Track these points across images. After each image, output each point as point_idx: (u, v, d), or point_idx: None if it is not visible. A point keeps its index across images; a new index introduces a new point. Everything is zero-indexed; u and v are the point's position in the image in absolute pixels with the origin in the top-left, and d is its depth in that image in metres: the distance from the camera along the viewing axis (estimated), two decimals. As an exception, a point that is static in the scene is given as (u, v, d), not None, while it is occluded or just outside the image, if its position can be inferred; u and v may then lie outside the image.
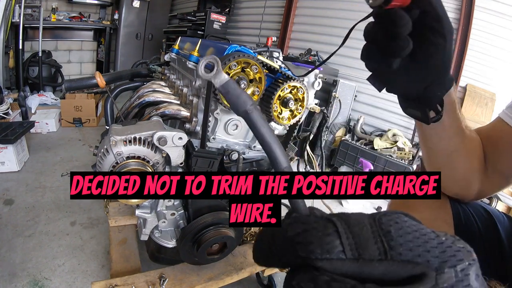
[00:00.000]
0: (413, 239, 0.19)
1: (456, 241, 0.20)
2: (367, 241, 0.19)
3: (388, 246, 0.19)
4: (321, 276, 0.19)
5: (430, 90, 0.45)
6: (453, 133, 0.57)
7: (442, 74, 0.44)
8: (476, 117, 2.64)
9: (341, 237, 0.19)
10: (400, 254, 0.19)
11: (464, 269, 0.18)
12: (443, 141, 0.58)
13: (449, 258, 0.19)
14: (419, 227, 0.20)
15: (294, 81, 0.76)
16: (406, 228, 0.20)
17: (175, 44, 1.30)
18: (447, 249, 0.19)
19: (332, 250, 0.19)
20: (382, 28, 0.39)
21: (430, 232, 0.20)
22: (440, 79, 0.45)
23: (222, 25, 4.18)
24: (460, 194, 0.67)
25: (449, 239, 0.20)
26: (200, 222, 0.87)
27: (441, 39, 0.41)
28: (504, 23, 2.60)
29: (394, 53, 0.39)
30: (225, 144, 0.87)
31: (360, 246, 0.19)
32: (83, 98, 2.88)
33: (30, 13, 4.00)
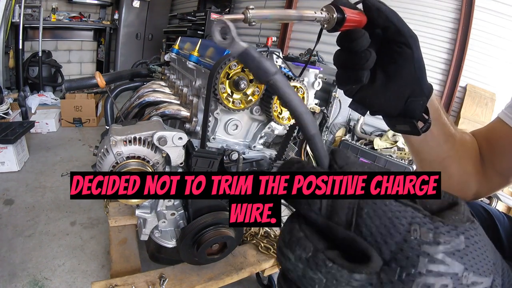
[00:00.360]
0: (379, 225, 0.20)
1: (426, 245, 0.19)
2: (340, 209, 0.21)
3: (354, 221, 0.21)
4: (297, 232, 0.22)
5: (411, 102, 0.46)
6: (443, 140, 0.57)
7: (418, 82, 0.45)
8: (476, 117, 2.64)
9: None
10: (361, 232, 0.20)
11: (411, 275, 0.19)
12: (434, 150, 0.59)
13: (400, 257, 0.19)
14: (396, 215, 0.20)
15: (294, 81, 0.76)
16: (380, 212, 0.21)
17: (175, 44, 1.30)
18: (406, 248, 0.19)
19: (312, 205, 0.22)
20: (345, 49, 0.42)
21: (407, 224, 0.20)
22: (418, 88, 0.45)
23: (222, 25, 4.18)
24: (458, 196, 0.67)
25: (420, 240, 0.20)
26: (200, 222, 0.87)
27: (407, 49, 0.42)
28: (504, 23, 2.60)
29: (360, 66, 0.41)
30: (225, 144, 0.87)
31: (333, 210, 0.21)
32: (83, 98, 2.88)
33: (30, 13, 4.01)
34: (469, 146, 0.62)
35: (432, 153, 0.60)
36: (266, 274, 1.19)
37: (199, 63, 0.93)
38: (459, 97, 2.84)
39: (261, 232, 1.25)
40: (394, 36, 0.42)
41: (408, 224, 0.20)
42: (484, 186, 0.63)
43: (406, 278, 0.19)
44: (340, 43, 0.43)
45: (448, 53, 2.84)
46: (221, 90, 0.71)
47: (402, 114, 0.48)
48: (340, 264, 0.19)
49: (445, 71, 2.90)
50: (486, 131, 0.64)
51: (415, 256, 0.19)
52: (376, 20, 0.41)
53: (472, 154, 0.62)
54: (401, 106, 0.47)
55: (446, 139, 0.57)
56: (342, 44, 0.42)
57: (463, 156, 0.60)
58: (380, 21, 0.41)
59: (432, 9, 2.71)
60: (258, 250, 1.15)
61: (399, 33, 0.42)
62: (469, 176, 0.62)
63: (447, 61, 2.86)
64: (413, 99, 0.46)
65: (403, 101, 0.46)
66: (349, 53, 0.41)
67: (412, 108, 0.47)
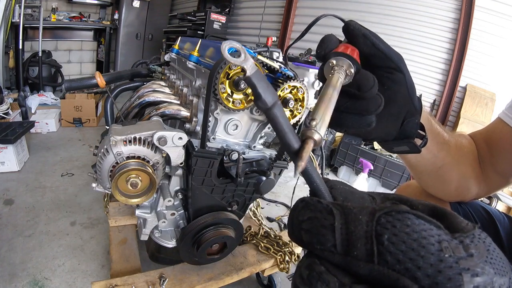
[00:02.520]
0: (406, 250, 0.18)
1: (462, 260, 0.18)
2: (357, 241, 0.19)
3: (376, 250, 0.18)
4: (318, 266, 0.20)
5: (407, 122, 0.45)
6: (437, 150, 0.56)
7: (411, 102, 0.43)
8: (476, 117, 2.64)
9: (335, 232, 0.20)
10: (387, 262, 0.18)
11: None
12: (430, 161, 0.58)
13: (441, 280, 0.17)
14: (422, 235, 0.18)
15: (294, 81, 0.76)
16: (402, 235, 0.18)
17: (175, 44, 1.30)
18: (444, 269, 0.17)
19: (325, 243, 0.20)
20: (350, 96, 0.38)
21: (435, 243, 0.18)
22: (411, 108, 0.44)
23: (222, 25, 4.18)
24: (458, 199, 0.67)
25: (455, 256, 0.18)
26: (200, 222, 0.87)
27: (399, 73, 0.40)
28: (504, 23, 2.60)
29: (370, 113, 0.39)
30: (225, 144, 0.86)
31: (350, 244, 0.19)
32: (83, 98, 2.88)
33: (30, 13, 4.01)
34: (466, 150, 0.61)
35: (428, 165, 0.59)
36: (266, 274, 1.19)
37: (199, 63, 0.93)
38: (459, 97, 2.85)
39: (261, 232, 1.25)
40: (383, 63, 0.40)
41: (438, 243, 0.18)
42: (484, 187, 0.63)
43: None
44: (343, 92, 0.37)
45: (448, 53, 2.84)
46: (221, 90, 0.71)
47: (399, 136, 0.46)
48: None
49: (445, 71, 2.90)
50: (486, 132, 0.64)
51: (457, 274, 0.17)
52: (363, 48, 0.39)
53: (470, 157, 0.61)
54: (397, 130, 0.45)
55: (441, 148, 0.57)
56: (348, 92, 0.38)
57: (460, 161, 0.60)
58: (366, 49, 0.39)
59: (432, 9, 2.71)
60: (258, 250, 1.15)
61: (386, 58, 0.40)
62: (468, 180, 0.62)
63: (447, 61, 2.86)
64: (409, 119, 0.45)
65: (400, 125, 0.45)
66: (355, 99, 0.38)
67: (408, 128, 0.45)
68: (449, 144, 0.58)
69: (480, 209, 0.66)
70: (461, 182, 0.62)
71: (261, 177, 0.92)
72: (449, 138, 0.58)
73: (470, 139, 0.64)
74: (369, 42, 0.39)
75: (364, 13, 3.02)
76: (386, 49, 0.39)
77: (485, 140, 0.62)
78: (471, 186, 0.62)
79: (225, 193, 0.90)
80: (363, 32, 0.39)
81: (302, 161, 0.23)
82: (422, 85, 2.99)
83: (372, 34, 0.39)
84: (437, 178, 0.62)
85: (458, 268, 0.17)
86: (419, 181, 0.68)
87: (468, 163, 0.61)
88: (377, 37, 0.39)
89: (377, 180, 2.47)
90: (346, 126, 0.41)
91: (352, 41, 0.39)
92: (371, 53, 0.39)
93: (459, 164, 0.60)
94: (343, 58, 0.36)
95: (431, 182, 0.65)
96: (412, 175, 0.69)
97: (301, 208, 0.22)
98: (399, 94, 0.42)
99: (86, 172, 2.00)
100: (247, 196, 0.96)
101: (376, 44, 0.39)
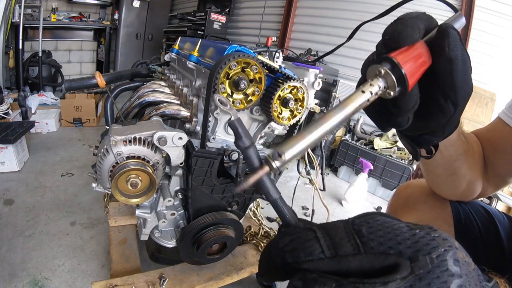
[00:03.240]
0: (384, 234, 0.21)
1: (431, 231, 0.21)
2: (341, 240, 0.21)
3: (360, 242, 0.21)
4: (309, 275, 0.21)
5: (425, 136, 0.42)
6: (455, 159, 0.55)
7: (442, 132, 0.39)
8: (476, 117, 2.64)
9: (320, 241, 0.22)
10: (372, 247, 0.20)
11: (440, 255, 0.19)
12: (442, 167, 0.57)
13: (422, 247, 0.20)
14: (392, 223, 0.21)
15: (294, 81, 0.76)
16: (377, 226, 0.21)
17: (175, 44, 1.30)
18: (420, 239, 0.20)
19: (313, 252, 0.21)
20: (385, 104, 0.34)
21: (404, 226, 0.21)
22: (439, 132, 0.40)
23: (222, 25, 4.18)
24: (461, 199, 0.67)
25: (424, 230, 0.21)
26: (200, 222, 0.87)
27: (452, 107, 0.35)
28: (504, 23, 2.60)
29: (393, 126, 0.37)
30: (225, 144, 0.86)
31: (336, 245, 0.21)
32: (83, 98, 2.88)
33: (30, 13, 4.00)
34: (477, 156, 0.60)
35: (440, 170, 0.58)
36: (266, 274, 1.18)
37: (199, 63, 0.93)
38: (459, 97, 2.84)
39: (261, 232, 1.25)
40: (445, 89, 0.34)
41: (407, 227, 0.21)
42: (486, 187, 0.63)
43: (439, 260, 0.19)
44: None
45: (448, 53, 2.83)
46: (221, 90, 0.71)
47: (411, 137, 0.44)
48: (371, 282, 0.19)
49: (445, 71, 2.90)
50: (487, 132, 0.63)
51: (431, 239, 0.20)
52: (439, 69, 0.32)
53: (479, 162, 0.61)
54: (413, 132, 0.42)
55: (458, 158, 0.55)
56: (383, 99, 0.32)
57: (472, 168, 0.59)
58: (442, 73, 0.32)
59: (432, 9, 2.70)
60: (258, 250, 1.15)
61: (453, 90, 0.33)
62: (475, 183, 0.62)
63: (447, 61, 2.86)
64: (431, 137, 0.41)
65: (418, 134, 0.42)
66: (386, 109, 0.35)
67: (423, 140, 0.42)
68: (467, 153, 0.57)
69: (480, 209, 0.66)
70: (469, 186, 0.62)
71: (261, 177, 0.92)
72: (468, 146, 0.57)
73: (477, 140, 0.63)
74: (450, 68, 0.32)
75: (364, 13, 3.02)
76: (460, 82, 0.33)
77: (486, 139, 0.62)
78: (477, 187, 0.62)
79: (225, 193, 0.90)
80: (452, 55, 0.31)
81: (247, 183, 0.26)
82: (422, 85, 2.98)
83: (462, 60, 0.32)
84: (447, 181, 0.62)
85: (430, 236, 0.20)
86: (427, 178, 0.68)
87: (478, 167, 0.61)
88: (464, 65, 0.33)
89: (377, 180, 2.47)
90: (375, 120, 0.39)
91: (434, 56, 0.32)
92: (443, 78, 0.33)
93: (471, 171, 0.59)
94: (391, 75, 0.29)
95: (440, 182, 0.65)
96: (422, 171, 0.69)
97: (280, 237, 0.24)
98: (434, 121, 0.37)
99: (86, 172, 2.00)
100: (247, 196, 0.96)
101: (454, 75, 0.32)
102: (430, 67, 0.32)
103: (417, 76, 0.30)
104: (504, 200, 2.11)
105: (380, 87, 0.29)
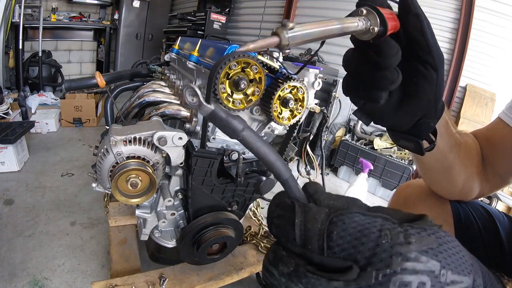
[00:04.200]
0: (351, 240, 0.22)
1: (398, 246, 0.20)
2: (312, 237, 0.23)
3: (326, 245, 0.22)
4: (280, 251, 0.24)
5: (422, 122, 0.42)
6: (448, 151, 0.56)
7: (434, 105, 0.41)
8: (476, 117, 2.64)
9: (295, 229, 0.23)
10: (335, 252, 0.22)
11: (386, 275, 0.20)
12: (439, 161, 0.57)
13: (374, 261, 0.20)
14: (366, 227, 0.22)
15: (294, 81, 0.76)
16: (349, 230, 0.22)
17: (175, 44, 1.30)
18: (380, 252, 0.21)
19: (288, 237, 0.24)
20: (367, 58, 0.35)
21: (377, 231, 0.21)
22: (432, 110, 0.42)
23: (222, 25, 4.18)
24: (460, 199, 0.67)
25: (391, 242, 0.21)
26: (200, 222, 0.87)
27: (433, 71, 0.37)
28: (504, 23, 2.60)
29: (381, 86, 0.36)
30: (225, 144, 0.86)
31: (306, 239, 0.23)
32: (83, 98, 2.88)
33: (30, 13, 4.00)
34: (473, 153, 0.61)
35: (436, 164, 0.59)
36: (266, 274, 1.18)
37: (199, 63, 0.93)
38: (459, 97, 2.84)
39: (261, 232, 1.25)
40: (422, 53, 0.36)
41: (378, 231, 0.21)
42: (485, 187, 0.63)
43: (383, 279, 0.20)
44: (361, 50, 0.36)
45: (448, 53, 2.84)
46: (221, 90, 0.71)
47: (409, 131, 0.44)
48: (319, 274, 0.21)
49: (445, 71, 2.90)
50: (487, 132, 0.64)
51: (388, 257, 0.20)
52: (409, 29, 0.35)
53: (476, 159, 0.61)
54: (410, 125, 0.43)
55: (451, 150, 0.56)
56: (367, 53, 0.35)
57: (468, 163, 0.59)
58: (413, 31, 0.35)
59: (432, 9, 2.71)
60: (258, 250, 1.16)
61: (428, 51, 0.36)
62: (473, 180, 0.62)
63: (447, 61, 2.86)
64: (425, 120, 0.42)
65: (415, 121, 0.43)
66: (371, 65, 0.35)
67: (422, 129, 0.43)
68: (460, 146, 0.57)
69: (480, 209, 0.66)
70: (466, 183, 0.62)
71: (261, 177, 0.92)
72: (460, 140, 0.57)
73: (475, 138, 0.64)
74: (419, 25, 0.34)
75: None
76: (431, 41, 0.35)
77: (486, 139, 0.62)
78: (475, 186, 0.62)
79: (225, 193, 0.90)
80: (418, 11, 0.34)
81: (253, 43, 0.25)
82: (422, 85, 2.98)
83: (425, 18, 0.35)
84: (443, 177, 0.61)
85: (391, 251, 0.20)
86: (424, 177, 0.68)
87: (474, 164, 0.61)
88: (428, 24, 0.35)
89: (377, 180, 2.47)
90: (353, 94, 0.39)
91: (402, 15, 0.35)
92: (415, 38, 0.35)
93: (466, 166, 0.59)
94: (375, 13, 0.32)
95: (437, 180, 0.65)
96: (418, 170, 0.69)
97: (274, 206, 0.26)
98: (424, 93, 0.39)
99: (86, 172, 2.00)
100: (247, 196, 0.96)
101: (424, 30, 0.34)
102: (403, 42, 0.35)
103: (392, 25, 0.33)
104: (504, 200, 2.11)
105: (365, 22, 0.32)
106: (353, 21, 0.31)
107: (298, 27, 0.26)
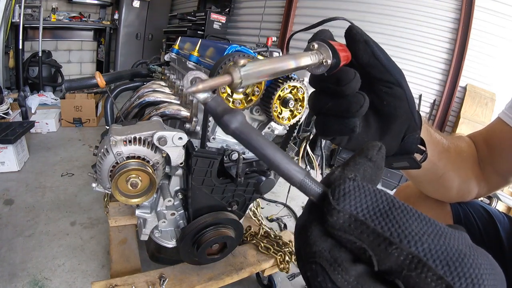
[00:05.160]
0: None
1: None
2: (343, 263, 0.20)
3: None
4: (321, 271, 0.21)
5: (408, 138, 0.43)
6: (438, 159, 0.55)
7: (413, 117, 0.41)
8: (476, 117, 2.64)
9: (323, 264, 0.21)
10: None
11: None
12: (430, 171, 0.57)
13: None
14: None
15: (294, 81, 0.76)
16: None
17: (175, 44, 1.30)
18: None
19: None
20: (329, 93, 0.36)
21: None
22: (413, 123, 0.42)
23: (222, 25, 4.18)
24: (458, 201, 0.67)
25: None
26: (200, 222, 0.87)
27: (398, 88, 0.38)
28: (504, 23, 2.60)
29: (351, 113, 0.35)
30: (225, 144, 0.87)
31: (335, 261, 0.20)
32: (83, 98, 2.88)
33: (30, 13, 4.00)
34: (466, 154, 0.60)
35: (429, 174, 0.58)
36: (266, 274, 1.19)
37: (199, 63, 0.93)
38: (459, 97, 2.85)
39: (261, 232, 1.25)
40: (381, 75, 0.37)
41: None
42: (484, 187, 0.63)
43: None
44: (321, 85, 0.36)
45: (448, 53, 2.84)
46: (221, 90, 0.71)
47: (399, 151, 0.44)
48: None
49: (445, 71, 2.90)
50: (486, 132, 0.64)
51: None
52: (361, 56, 0.36)
53: (469, 161, 0.61)
54: (398, 145, 0.43)
55: (441, 157, 0.55)
56: (326, 86, 0.35)
57: (461, 166, 0.59)
58: (365, 57, 0.36)
59: (432, 9, 2.71)
60: (258, 250, 1.16)
61: (386, 71, 0.37)
62: (469, 182, 0.61)
63: (447, 61, 2.86)
64: (409, 135, 0.43)
65: (400, 140, 0.43)
66: (335, 97, 0.35)
67: (409, 144, 0.44)
68: (449, 151, 0.57)
69: (480, 209, 0.66)
70: (462, 186, 0.61)
71: (261, 177, 0.92)
72: (448, 145, 0.57)
73: (469, 140, 0.64)
74: (370, 50, 0.35)
75: (364, 13, 3.02)
76: (386, 61, 0.36)
77: (485, 140, 0.62)
78: (472, 187, 0.62)
79: (225, 193, 0.90)
80: (365, 38, 0.36)
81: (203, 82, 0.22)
82: (422, 85, 2.99)
83: (375, 43, 0.36)
84: (438, 185, 0.61)
85: None
86: (419, 187, 0.68)
87: (468, 166, 0.60)
88: (379, 47, 0.36)
89: (377, 180, 2.47)
90: (328, 131, 0.38)
91: (352, 45, 0.36)
92: (369, 63, 0.36)
93: (459, 170, 0.59)
94: (326, 46, 0.33)
95: (432, 189, 0.65)
96: (412, 183, 0.69)
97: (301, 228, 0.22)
98: (399, 110, 0.40)
99: (86, 172, 2.00)
100: (247, 196, 0.96)
101: (376, 54, 0.36)
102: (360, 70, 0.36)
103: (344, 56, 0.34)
104: (504, 200, 2.11)
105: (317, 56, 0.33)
106: (306, 55, 0.32)
107: (250, 65, 0.25)
